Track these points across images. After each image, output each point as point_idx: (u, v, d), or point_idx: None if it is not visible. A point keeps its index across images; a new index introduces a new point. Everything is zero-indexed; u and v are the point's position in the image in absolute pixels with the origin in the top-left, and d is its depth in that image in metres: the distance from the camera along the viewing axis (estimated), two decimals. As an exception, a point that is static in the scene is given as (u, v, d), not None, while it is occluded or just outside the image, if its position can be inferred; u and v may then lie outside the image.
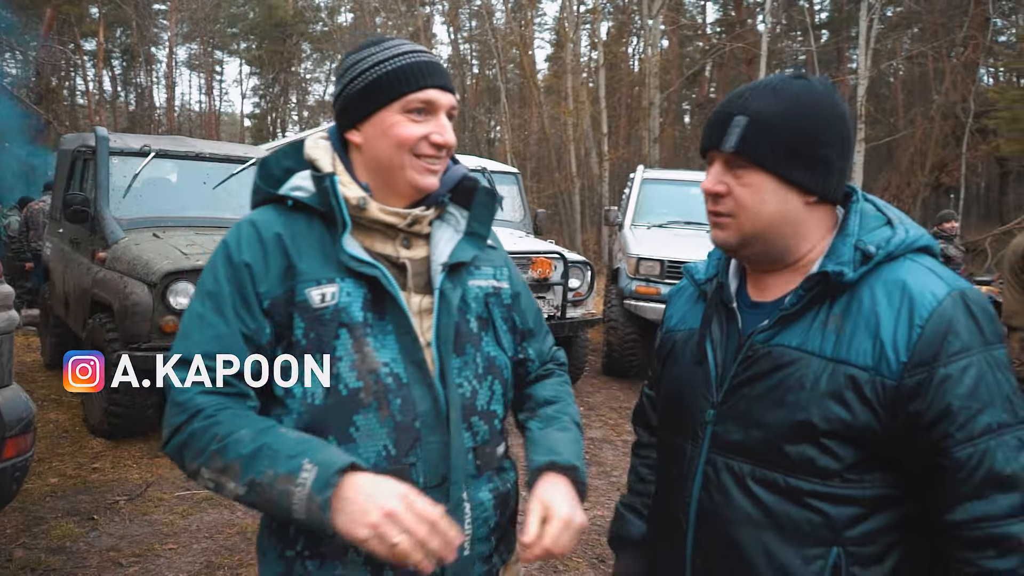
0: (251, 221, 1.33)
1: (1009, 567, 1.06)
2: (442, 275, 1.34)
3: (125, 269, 5.15)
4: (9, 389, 3.03)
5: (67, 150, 6.95)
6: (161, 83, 39.69)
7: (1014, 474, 1.08)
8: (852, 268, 1.19)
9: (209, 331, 1.25)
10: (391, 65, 1.30)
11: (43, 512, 4.08)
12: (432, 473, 1.29)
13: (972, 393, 1.10)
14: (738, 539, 1.22)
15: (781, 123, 1.19)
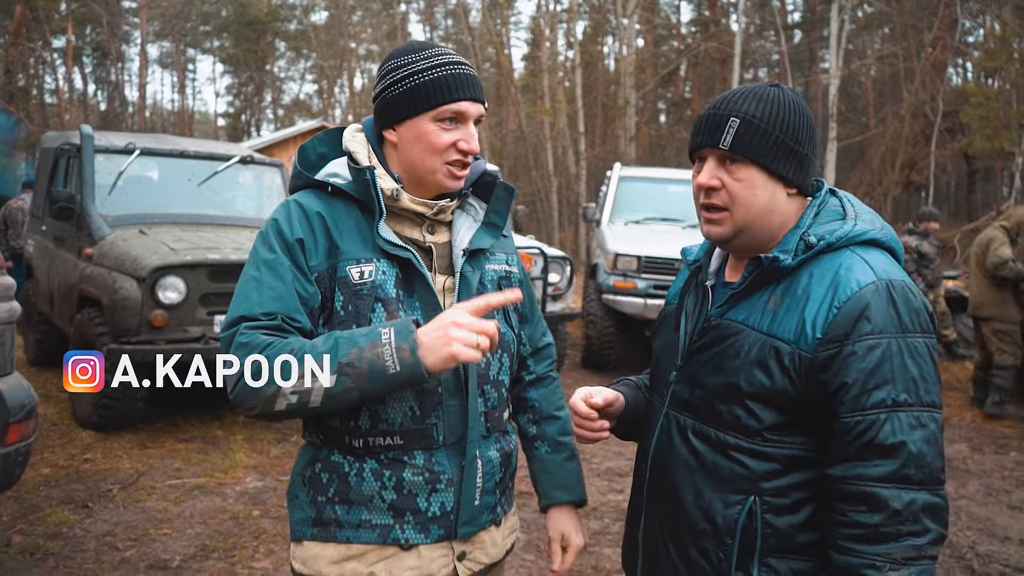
0: (297, 202, 1.49)
1: (872, 522, 1.22)
2: (463, 259, 1.52)
3: (113, 265, 5.23)
4: (11, 377, 3.13)
5: (50, 148, 6.98)
6: (133, 81, 39.32)
7: (894, 446, 1.22)
8: (792, 256, 1.34)
9: (268, 292, 1.40)
10: (429, 76, 1.44)
11: (38, 500, 4.17)
12: (451, 432, 1.47)
13: (872, 370, 1.24)
14: (676, 481, 1.42)
15: (768, 124, 1.35)
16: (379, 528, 1.46)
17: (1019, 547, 4.20)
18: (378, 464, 1.46)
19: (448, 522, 1.48)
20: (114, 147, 6.11)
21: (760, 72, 34.69)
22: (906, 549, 1.21)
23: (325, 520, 1.48)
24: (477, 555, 1.54)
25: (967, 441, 6.24)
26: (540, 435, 1.72)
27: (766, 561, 1.33)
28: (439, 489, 1.47)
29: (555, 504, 1.69)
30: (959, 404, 7.34)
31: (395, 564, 1.46)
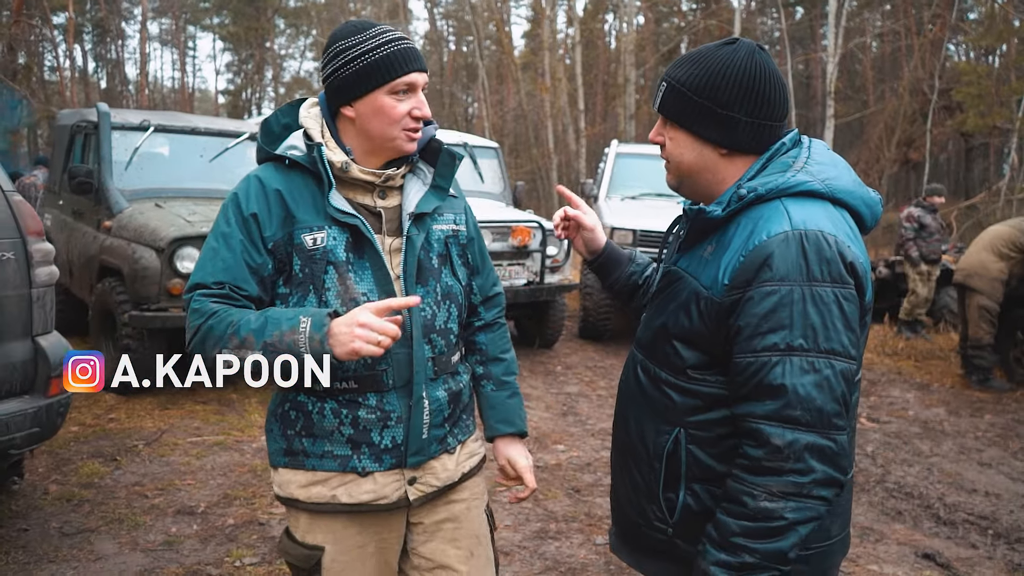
0: (257, 177, 1.65)
1: (756, 455, 1.32)
2: (409, 223, 1.68)
3: (132, 236, 5.50)
4: (52, 335, 3.41)
5: (65, 126, 7.22)
6: (133, 59, 39.31)
7: (781, 386, 1.30)
8: (723, 208, 1.41)
9: (220, 263, 1.60)
10: (379, 54, 1.58)
11: (69, 454, 4.47)
12: (399, 377, 1.66)
13: (766, 315, 1.31)
14: (626, 411, 1.59)
15: (692, 89, 1.42)
16: (339, 458, 1.66)
17: (984, 498, 4.50)
18: (337, 404, 1.64)
19: (399, 453, 1.67)
20: (130, 124, 6.35)
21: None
22: (785, 484, 1.29)
23: (294, 451, 1.68)
24: (428, 479, 1.73)
25: (945, 405, 6.54)
26: (486, 375, 1.91)
27: (691, 487, 1.45)
28: (390, 425, 1.66)
29: (499, 435, 1.89)
30: (940, 372, 7.63)
31: (354, 488, 1.66)
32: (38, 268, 3.32)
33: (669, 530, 1.48)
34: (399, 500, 1.70)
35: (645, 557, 1.58)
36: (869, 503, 4.39)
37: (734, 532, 1.32)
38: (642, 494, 1.52)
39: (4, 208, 3.24)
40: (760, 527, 1.30)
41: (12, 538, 3.48)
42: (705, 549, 1.36)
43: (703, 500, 1.44)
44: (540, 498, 4.17)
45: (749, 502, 1.31)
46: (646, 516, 1.52)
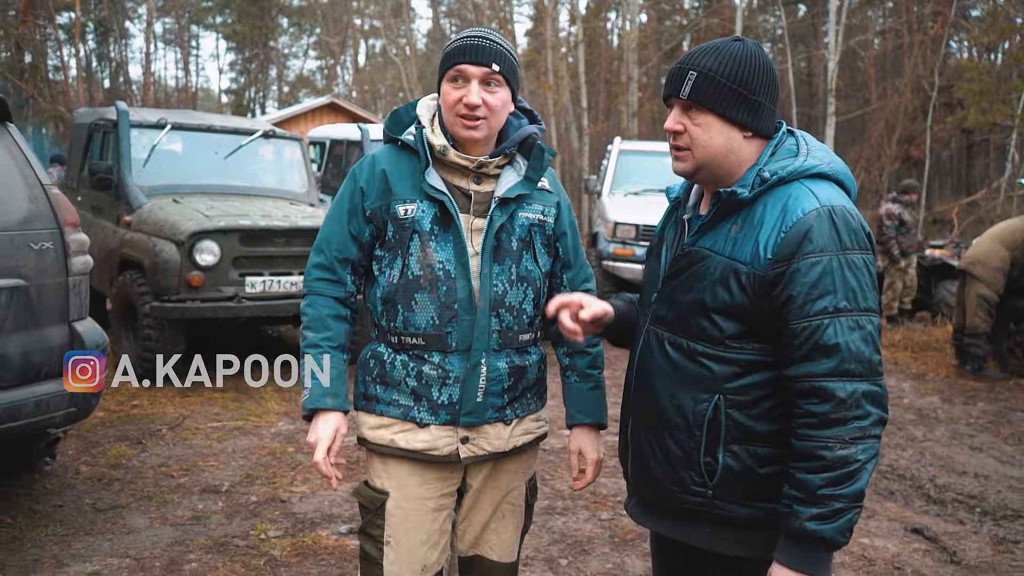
0: (373, 156, 1.93)
1: (823, 411, 1.45)
2: (494, 205, 1.85)
3: (152, 230, 5.70)
4: (87, 320, 3.61)
5: (83, 124, 7.41)
6: (136, 58, 39.51)
7: (836, 345, 1.44)
8: (749, 190, 1.56)
9: (329, 229, 1.93)
10: (449, 47, 1.82)
11: (97, 438, 4.68)
12: (462, 341, 1.84)
13: (815, 283, 1.46)
14: (655, 385, 1.66)
15: (723, 76, 1.56)
16: (403, 407, 1.87)
17: (974, 479, 4.68)
18: (407, 357, 1.87)
19: (454, 410, 1.86)
20: (147, 122, 6.54)
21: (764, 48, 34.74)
22: (853, 431, 1.43)
23: (369, 395, 1.93)
24: (480, 442, 1.89)
25: (939, 394, 6.72)
26: (571, 366, 2.05)
27: (730, 448, 1.56)
28: (448, 383, 1.85)
29: (577, 424, 2.04)
30: (936, 362, 7.82)
31: (411, 436, 1.87)
32: (74, 257, 3.52)
33: (709, 492, 1.58)
34: (450, 455, 1.88)
35: (679, 521, 1.67)
36: (863, 484, 4.57)
37: (819, 485, 1.43)
38: (679, 462, 1.62)
39: (43, 201, 3.44)
40: (841, 474, 1.43)
41: (49, 513, 3.68)
42: (793, 510, 1.46)
43: (742, 459, 1.56)
44: (547, 478, 4.37)
45: (827, 454, 1.43)
46: (683, 483, 1.62)
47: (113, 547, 3.38)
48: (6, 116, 3.47)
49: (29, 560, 3.23)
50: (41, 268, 3.38)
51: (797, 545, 1.47)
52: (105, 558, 3.27)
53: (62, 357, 3.45)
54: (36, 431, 3.37)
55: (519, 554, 2.09)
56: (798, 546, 1.47)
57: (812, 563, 1.46)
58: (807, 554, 1.46)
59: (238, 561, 3.28)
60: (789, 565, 1.47)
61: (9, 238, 3.28)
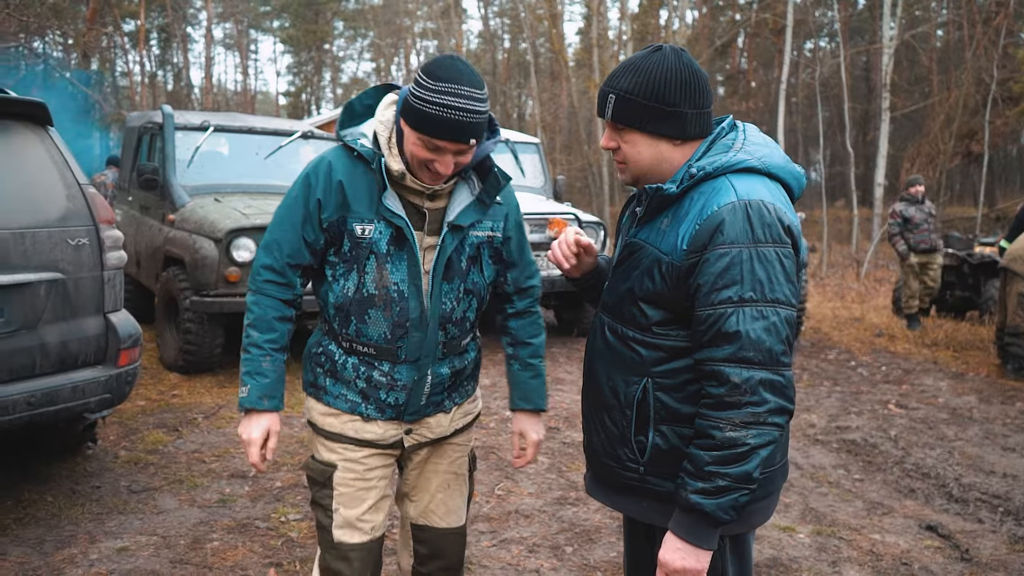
0: (328, 163, 1.92)
1: (719, 393, 1.53)
2: (446, 230, 1.93)
3: (193, 228, 5.95)
4: (121, 312, 3.82)
5: (134, 127, 7.76)
6: (198, 63, 40.66)
7: (736, 332, 1.51)
8: (677, 186, 1.62)
9: (282, 232, 1.95)
10: (430, 109, 1.74)
11: (137, 425, 4.92)
12: (411, 354, 1.97)
13: (721, 273, 1.52)
14: (596, 368, 1.78)
15: (639, 95, 1.62)
16: (350, 402, 2.00)
17: (1002, 479, 4.60)
18: (358, 360, 1.98)
19: (398, 411, 2.02)
20: (191, 125, 6.82)
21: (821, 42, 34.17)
22: (745, 415, 1.50)
23: (318, 385, 2.05)
24: (422, 431, 2.08)
25: (977, 393, 6.58)
26: (514, 356, 2.20)
27: (659, 428, 1.65)
28: (396, 389, 1.98)
29: (519, 410, 2.21)
30: (977, 362, 7.64)
31: (360, 427, 2.01)
32: (109, 252, 3.73)
33: (641, 468, 1.69)
34: (396, 443, 2.06)
35: (618, 495, 1.79)
36: (884, 481, 4.54)
37: (707, 462, 1.52)
38: (615, 440, 1.72)
39: (79, 199, 3.66)
40: (728, 454, 1.51)
41: (87, 493, 3.91)
42: (684, 481, 1.55)
43: (670, 439, 1.65)
44: (563, 470, 4.45)
45: (717, 434, 1.51)
46: (619, 459, 1.72)
47: (143, 525, 3.58)
48: (47, 120, 3.69)
49: (65, 535, 3.45)
50: (78, 262, 3.60)
51: (685, 516, 1.56)
52: (135, 535, 3.47)
53: (97, 346, 3.68)
54: (73, 415, 3.59)
55: (467, 520, 2.25)
56: (686, 517, 1.56)
57: (696, 534, 1.55)
58: (692, 525, 1.55)
59: (257, 541, 3.45)
60: (676, 533, 1.57)
61: (48, 234, 3.51)
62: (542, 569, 3.30)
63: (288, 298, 2.00)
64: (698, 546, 1.55)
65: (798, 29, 23.72)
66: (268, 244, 1.98)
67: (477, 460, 2.31)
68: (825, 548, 3.58)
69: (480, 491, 4.11)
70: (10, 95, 3.67)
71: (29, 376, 3.43)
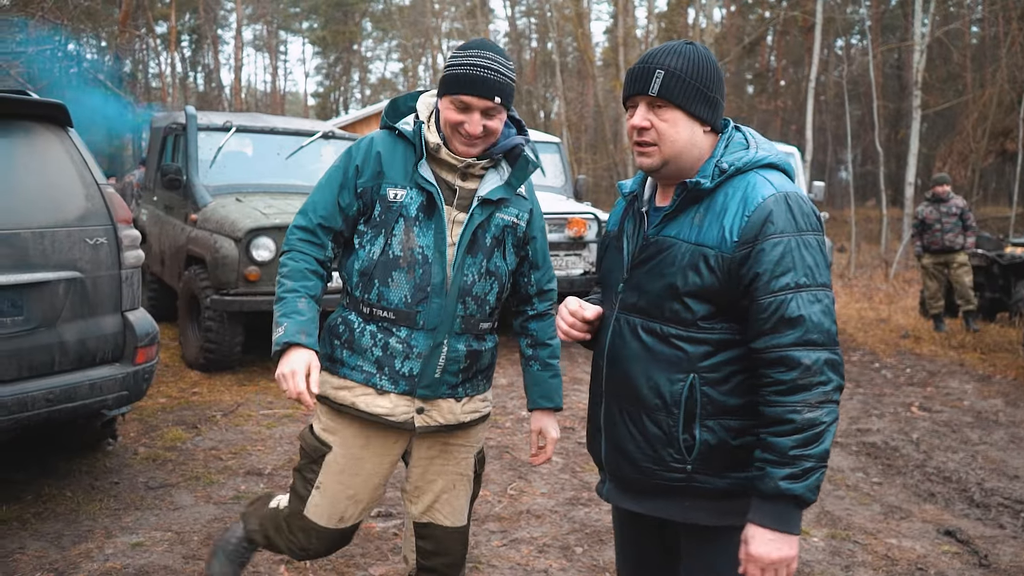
0: (371, 138, 2.08)
1: (790, 378, 1.56)
2: (476, 203, 2.04)
3: (214, 228, 6.02)
4: (139, 311, 3.88)
5: (159, 127, 7.87)
6: (228, 64, 41.15)
7: (799, 317, 1.57)
8: (710, 180, 1.67)
9: (319, 196, 2.08)
10: (456, 71, 1.95)
11: (157, 422, 4.99)
12: (429, 321, 2.02)
13: (777, 261, 1.58)
14: (630, 369, 1.74)
15: (687, 74, 1.67)
16: (365, 373, 2.05)
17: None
18: (376, 328, 2.04)
19: (412, 382, 2.04)
20: (214, 125, 6.90)
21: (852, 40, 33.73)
22: (818, 395, 1.55)
23: (335, 358, 2.09)
24: (433, 414, 2.09)
25: (1004, 396, 6.46)
26: (534, 356, 2.27)
27: (705, 423, 1.66)
28: (411, 357, 2.03)
29: (538, 408, 2.26)
30: (1005, 364, 7.50)
31: (371, 400, 2.04)
32: (127, 252, 3.79)
33: (688, 467, 1.68)
34: (405, 422, 2.06)
35: (655, 499, 1.76)
36: (903, 485, 4.47)
37: (790, 447, 1.55)
38: (658, 441, 1.70)
39: (98, 199, 3.72)
40: (809, 435, 1.55)
41: (106, 489, 3.97)
42: (767, 472, 1.56)
43: (718, 434, 1.67)
44: (577, 470, 4.44)
45: (796, 418, 1.55)
46: (663, 461, 1.70)
47: (159, 521, 3.63)
48: (67, 121, 3.76)
49: (83, 530, 3.50)
50: (96, 261, 3.66)
51: (771, 504, 1.57)
52: (150, 531, 3.52)
53: (115, 344, 3.73)
54: (91, 412, 3.65)
55: (469, 518, 2.27)
56: (772, 504, 1.57)
57: (784, 520, 1.57)
58: (780, 512, 1.57)
59: (269, 538, 3.48)
60: (763, 524, 1.58)
61: (67, 233, 3.57)
62: (551, 569, 3.29)
63: (320, 256, 2.06)
64: (789, 532, 1.57)
65: (828, 27, 23.44)
66: (304, 208, 2.08)
67: (486, 461, 2.34)
68: (839, 552, 3.53)
69: (492, 490, 4.11)
70: (32, 97, 3.75)
71: (48, 373, 3.49)
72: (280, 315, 1.98)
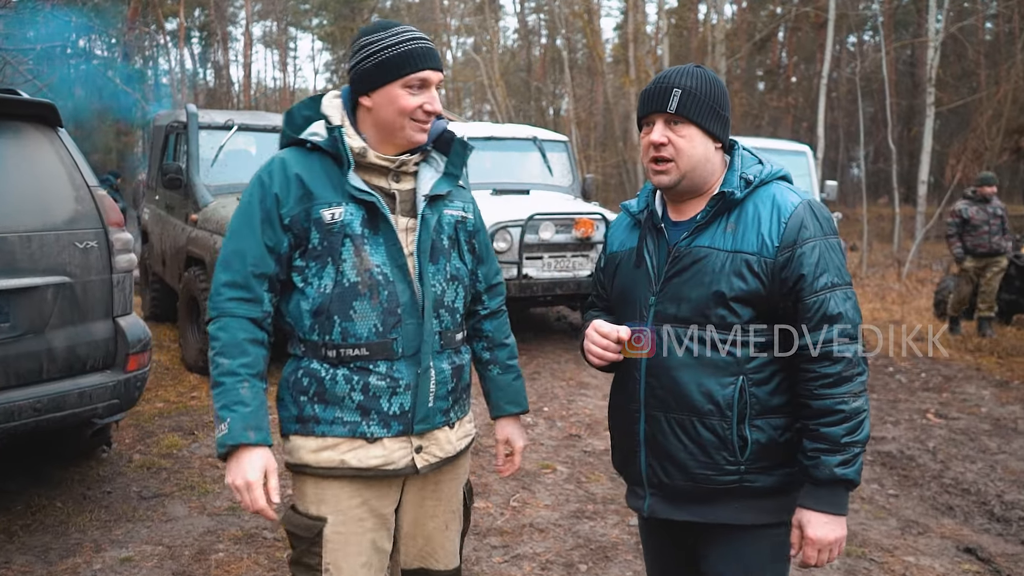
0: (281, 159, 1.79)
1: (836, 371, 1.67)
2: (423, 203, 1.82)
3: (215, 228, 5.91)
4: (130, 316, 3.77)
5: (161, 125, 7.77)
6: (238, 61, 41.12)
7: (839, 314, 1.68)
8: (740, 190, 1.76)
9: (240, 241, 1.76)
10: (398, 50, 1.73)
11: (153, 428, 4.89)
12: (409, 346, 1.79)
13: (817, 263, 1.69)
14: (679, 377, 1.76)
15: (702, 93, 1.75)
16: (349, 424, 1.77)
17: (1047, 497, 4.36)
18: (349, 371, 1.76)
19: (406, 420, 1.80)
20: (216, 124, 6.80)
21: (865, 36, 33.41)
22: (858, 385, 1.68)
23: (305, 417, 1.79)
24: (432, 449, 1.86)
25: (1022, 402, 6.29)
26: (492, 359, 2.07)
27: (754, 423, 1.74)
28: (398, 392, 1.78)
29: (504, 415, 2.08)
30: (1022, 369, 7.32)
31: (363, 452, 1.78)
32: (118, 256, 3.68)
33: (741, 467, 1.75)
34: (406, 467, 1.82)
35: (707, 505, 1.80)
36: (920, 497, 4.33)
37: (841, 435, 1.66)
38: (712, 446, 1.75)
39: (89, 201, 3.61)
40: (855, 423, 1.66)
41: (98, 499, 3.87)
42: (820, 460, 1.67)
43: (766, 431, 1.75)
44: (583, 480, 4.31)
45: (845, 408, 1.66)
46: (717, 465, 1.76)
47: (150, 534, 3.52)
48: (57, 122, 3.65)
49: (71, 544, 3.40)
50: (86, 266, 3.55)
51: (826, 489, 1.68)
52: (140, 544, 3.41)
53: (106, 351, 3.62)
54: (80, 421, 3.54)
55: (461, 557, 2.07)
56: (827, 490, 1.68)
57: (838, 504, 1.69)
58: (835, 496, 1.69)
59: (263, 553, 3.37)
60: (819, 508, 1.69)
61: (55, 237, 3.46)
62: (554, 588, 3.17)
63: (257, 316, 1.76)
64: (842, 514, 1.70)
65: (840, 23, 23.17)
66: (226, 258, 1.77)
67: (473, 491, 2.14)
68: (855, 571, 3.39)
69: (495, 502, 3.99)
70: (21, 96, 3.64)
71: (36, 381, 3.39)
72: (221, 407, 1.69)
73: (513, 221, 6.95)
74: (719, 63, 22.75)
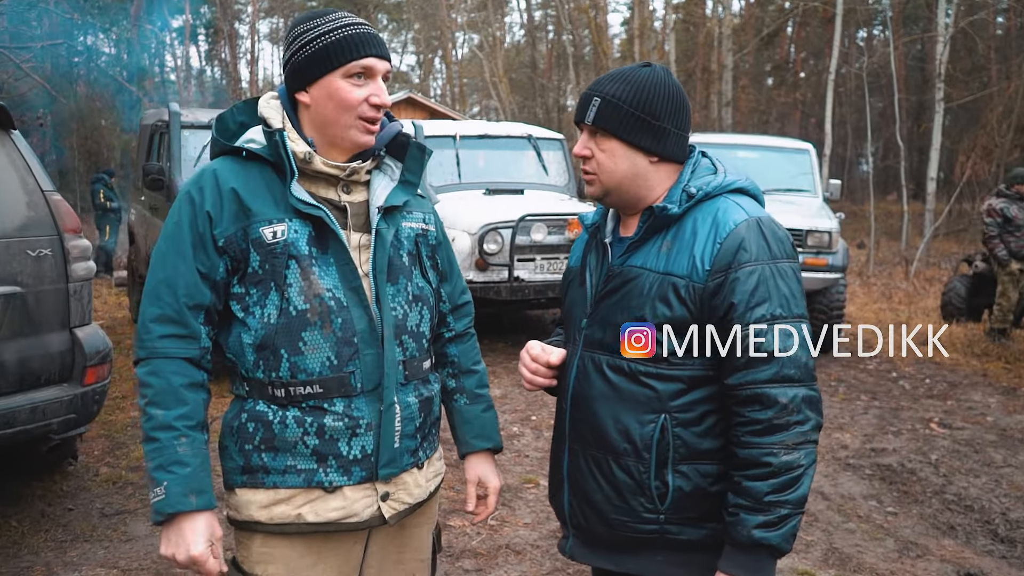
0: (212, 171, 1.56)
1: (766, 417, 1.46)
2: (378, 216, 1.59)
3: (194, 231, 5.75)
4: (89, 327, 3.61)
5: (147, 125, 7.63)
6: (244, 58, 41.07)
7: (775, 351, 1.46)
8: (678, 205, 1.56)
9: (169, 269, 1.51)
10: (336, 36, 1.51)
11: (124, 439, 4.73)
12: (368, 380, 1.56)
13: (752, 291, 1.48)
14: (597, 411, 1.60)
15: (625, 103, 1.56)
16: (304, 472, 1.55)
17: (1054, 515, 4.15)
18: (300, 412, 1.54)
19: (369, 464, 1.57)
20: (199, 123, 6.62)
21: (874, 31, 33.02)
22: (795, 436, 1.46)
23: (253, 467, 1.56)
24: (400, 495, 1.63)
25: (1030, 412, 6.07)
26: (459, 388, 1.83)
27: (679, 468, 1.54)
28: (359, 433, 1.56)
29: (474, 452, 1.81)
30: (1031, 376, 7.10)
31: (320, 505, 1.56)
32: (75, 264, 3.52)
33: (661, 516, 1.56)
34: (372, 518, 1.60)
35: (626, 554, 1.62)
36: (920, 515, 4.12)
37: (766, 492, 1.44)
38: (628, 490, 1.57)
39: (42, 207, 3.44)
40: (786, 479, 1.45)
41: (56, 516, 3.71)
42: (740, 518, 1.46)
43: (692, 479, 1.54)
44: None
45: (773, 460, 1.44)
46: (633, 511, 1.57)
47: (106, 556, 3.36)
48: (9, 124, 3.48)
49: (22, 567, 3.24)
50: (39, 274, 3.39)
51: (744, 553, 1.47)
52: (95, 568, 3.25)
53: (62, 363, 3.46)
54: (33, 438, 3.39)
55: None
56: (745, 554, 1.47)
57: (757, 571, 1.47)
58: (753, 562, 1.47)
59: None
60: (734, 574, 1.48)
61: (5, 245, 3.30)
62: (525, 618, 2.99)
63: (194, 355, 1.52)
64: None
65: (849, 17, 22.85)
66: (153, 289, 1.52)
67: (441, 535, 1.90)
68: (847, 599, 3.20)
69: (471, 519, 3.80)
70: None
71: (-16, 396, 3.23)
72: (155, 467, 1.46)
73: (504, 222, 6.76)
74: (726, 58, 22.51)
